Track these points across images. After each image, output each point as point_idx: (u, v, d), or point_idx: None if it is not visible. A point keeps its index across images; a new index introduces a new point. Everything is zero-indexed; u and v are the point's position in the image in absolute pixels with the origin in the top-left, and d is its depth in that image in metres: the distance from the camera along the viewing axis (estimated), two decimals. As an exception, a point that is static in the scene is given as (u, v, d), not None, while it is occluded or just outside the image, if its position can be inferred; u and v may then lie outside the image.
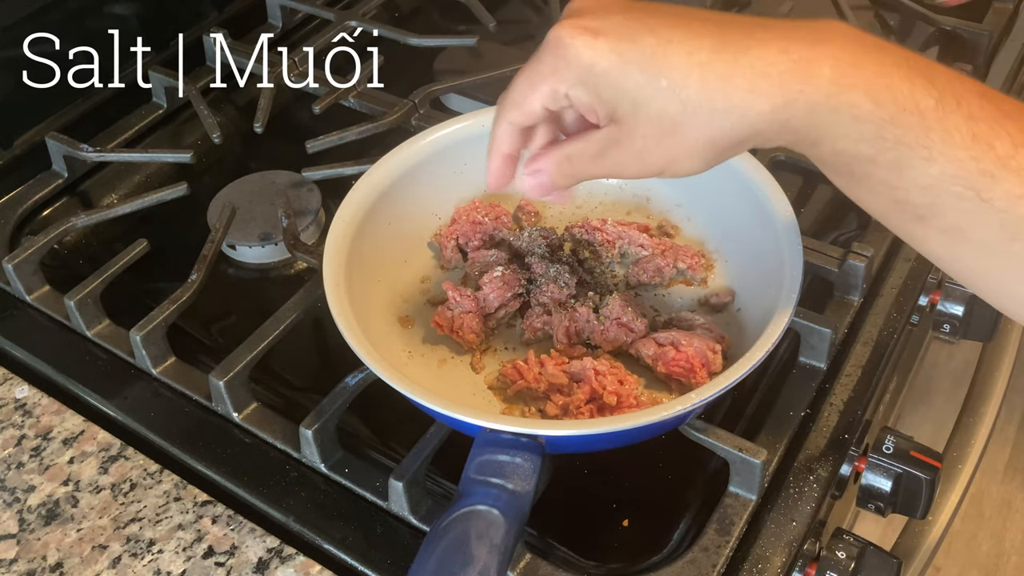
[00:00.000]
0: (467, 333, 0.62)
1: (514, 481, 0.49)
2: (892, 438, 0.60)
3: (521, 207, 0.71)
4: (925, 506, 0.60)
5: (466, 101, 0.87)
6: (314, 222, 0.77)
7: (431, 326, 0.63)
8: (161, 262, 0.74)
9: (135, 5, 0.91)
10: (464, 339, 0.62)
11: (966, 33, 0.92)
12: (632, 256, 0.67)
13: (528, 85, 0.47)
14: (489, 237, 0.68)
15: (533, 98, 0.47)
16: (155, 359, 0.66)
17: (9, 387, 0.66)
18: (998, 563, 1.52)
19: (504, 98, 0.49)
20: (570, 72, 0.45)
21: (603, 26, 0.44)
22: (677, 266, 0.65)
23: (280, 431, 0.62)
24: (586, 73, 0.44)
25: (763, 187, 0.63)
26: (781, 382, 0.64)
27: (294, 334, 0.65)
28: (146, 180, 0.85)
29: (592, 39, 0.44)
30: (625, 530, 0.58)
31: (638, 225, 0.69)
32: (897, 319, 0.67)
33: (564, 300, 0.63)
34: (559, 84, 0.46)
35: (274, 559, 0.56)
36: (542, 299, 0.63)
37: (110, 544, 0.57)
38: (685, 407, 0.51)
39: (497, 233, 0.68)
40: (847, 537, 0.56)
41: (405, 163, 0.67)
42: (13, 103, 0.84)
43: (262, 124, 0.82)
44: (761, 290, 0.61)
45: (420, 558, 0.47)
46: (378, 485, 0.58)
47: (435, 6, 1.07)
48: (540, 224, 0.70)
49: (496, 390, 0.60)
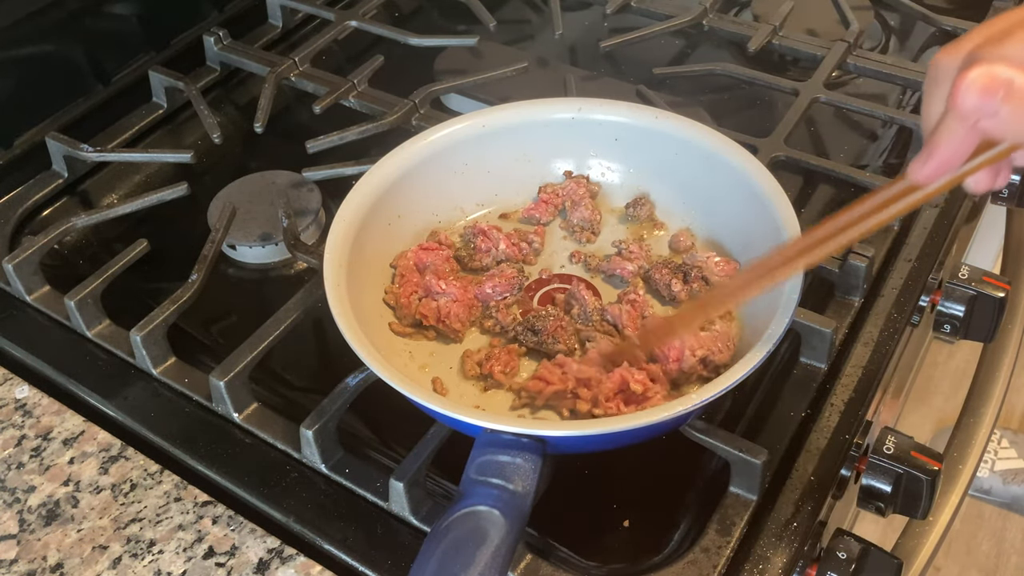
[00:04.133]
0: (454, 322, 0.62)
1: (515, 482, 0.49)
2: (892, 438, 0.60)
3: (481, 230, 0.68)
4: (925, 506, 0.60)
5: (466, 101, 0.87)
6: (314, 222, 0.77)
7: (417, 316, 0.63)
8: (161, 262, 0.73)
9: (135, 5, 0.91)
10: (450, 328, 0.62)
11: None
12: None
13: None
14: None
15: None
16: (155, 359, 0.66)
17: (9, 387, 0.66)
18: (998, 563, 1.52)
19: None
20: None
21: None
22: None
23: (281, 431, 0.62)
24: None
25: (764, 187, 0.63)
26: (782, 383, 0.64)
27: (294, 334, 0.65)
28: (146, 180, 0.85)
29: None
30: (626, 530, 0.58)
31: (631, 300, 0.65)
32: (898, 319, 0.67)
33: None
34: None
35: (274, 559, 0.55)
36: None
37: (110, 544, 0.57)
38: (685, 407, 0.51)
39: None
40: (848, 538, 0.56)
41: (405, 163, 0.67)
42: (13, 103, 0.84)
43: (262, 124, 0.82)
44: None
45: (420, 559, 0.47)
46: (379, 486, 0.58)
47: (435, 6, 1.07)
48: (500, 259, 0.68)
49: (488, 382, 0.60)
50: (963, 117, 0.39)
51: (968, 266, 0.72)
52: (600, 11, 0.98)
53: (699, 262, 0.65)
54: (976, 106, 0.38)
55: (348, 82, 0.85)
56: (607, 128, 0.70)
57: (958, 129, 0.40)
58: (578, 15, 1.02)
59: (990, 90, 0.37)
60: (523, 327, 0.62)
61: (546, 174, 0.72)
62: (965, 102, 0.38)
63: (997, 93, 0.37)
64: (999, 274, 0.78)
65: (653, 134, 0.69)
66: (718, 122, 0.79)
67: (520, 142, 0.71)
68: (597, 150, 0.71)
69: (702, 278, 0.64)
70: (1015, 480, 1.53)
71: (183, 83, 0.87)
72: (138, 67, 0.92)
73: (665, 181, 0.70)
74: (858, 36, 0.90)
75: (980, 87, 0.38)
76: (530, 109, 0.70)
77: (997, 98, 0.37)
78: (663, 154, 0.69)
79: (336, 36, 0.93)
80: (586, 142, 0.71)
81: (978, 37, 0.40)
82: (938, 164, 0.42)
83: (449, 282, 0.63)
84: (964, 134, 0.40)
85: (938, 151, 0.41)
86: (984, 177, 0.43)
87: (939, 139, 0.41)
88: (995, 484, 1.54)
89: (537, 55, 0.94)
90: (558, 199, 0.70)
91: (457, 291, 0.63)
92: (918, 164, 0.42)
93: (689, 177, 0.68)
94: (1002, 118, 0.38)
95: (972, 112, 0.38)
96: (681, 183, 0.69)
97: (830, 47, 0.88)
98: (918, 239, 0.73)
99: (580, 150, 0.71)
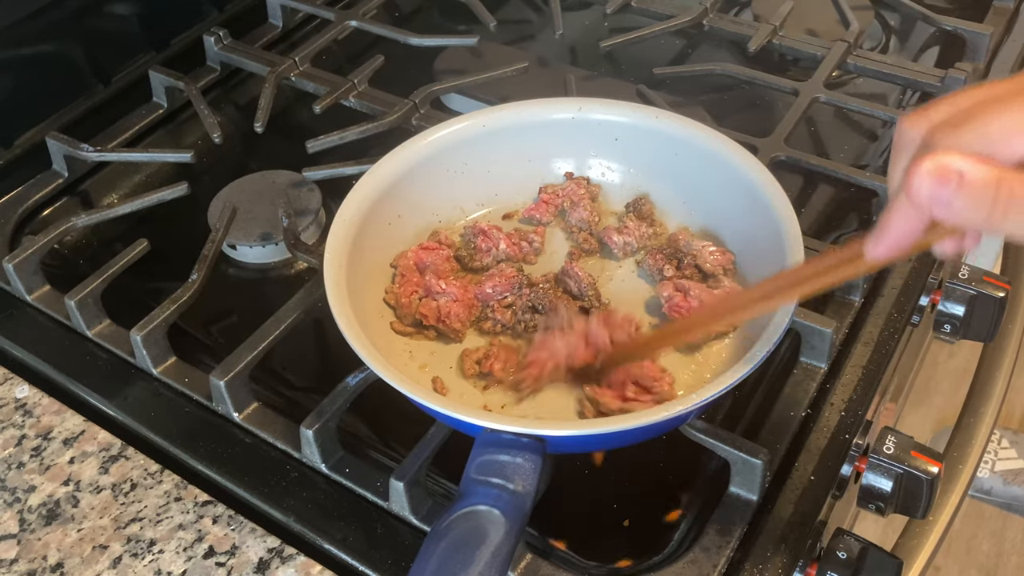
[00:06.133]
0: (454, 322, 0.62)
1: (515, 481, 0.49)
2: (893, 438, 0.60)
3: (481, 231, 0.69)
4: (926, 506, 0.60)
5: (467, 101, 0.87)
6: (314, 222, 0.77)
7: (417, 317, 0.63)
8: (161, 262, 0.73)
9: (135, 5, 0.91)
10: (450, 328, 0.62)
11: (966, 33, 0.92)
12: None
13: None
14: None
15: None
16: (155, 359, 0.66)
17: (9, 387, 0.66)
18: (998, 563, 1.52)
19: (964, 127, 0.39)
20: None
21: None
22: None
23: (281, 431, 0.62)
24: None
25: (764, 187, 0.63)
26: (782, 382, 0.64)
27: (295, 334, 0.65)
28: (146, 180, 0.85)
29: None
30: (626, 530, 0.58)
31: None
32: (898, 319, 0.67)
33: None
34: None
35: (275, 559, 0.56)
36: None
37: (111, 544, 0.57)
38: (686, 407, 0.51)
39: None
40: (848, 537, 0.56)
41: (406, 163, 0.67)
42: (13, 103, 0.84)
43: (262, 124, 0.82)
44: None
45: (421, 558, 0.47)
46: (379, 485, 0.58)
47: (435, 6, 1.07)
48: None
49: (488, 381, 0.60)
50: (916, 205, 0.39)
51: (968, 266, 0.72)
52: (600, 11, 0.98)
53: (694, 250, 0.65)
54: (929, 196, 0.38)
55: (348, 82, 0.85)
56: (607, 128, 0.70)
57: (911, 213, 0.41)
58: (578, 15, 1.02)
59: (942, 181, 0.38)
60: (522, 309, 0.62)
61: (546, 174, 0.72)
62: (919, 192, 0.38)
63: (949, 184, 0.38)
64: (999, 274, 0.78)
65: (653, 134, 0.69)
66: (718, 122, 0.79)
67: (520, 142, 0.70)
68: (597, 150, 0.71)
69: (695, 266, 0.65)
70: (1016, 480, 1.53)
71: (183, 83, 0.87)
72: (138, 67, 0.92)
73: (665, 181, 0.70)
74: (858, 36, 0.90)
75: (933, 179, 0.38)
76: (530, 109, 0.70)
77: (949, 189, 0.38)
78: (663, 154, 0.69)
79: (336, 36, 0.93)
80: (586, 142, 0.71)
81: (943, 111, 0.40)
82: (889, 244, 0.43)
83: (449, 282, 0.63)
84: (916, 218, 0.41)
85: (889, 232, 0.42)
86: (950, 244, 0.43)
87: (891, 220, 0.42)
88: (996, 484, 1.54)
89: (537, 55, 0.94)
90: (558, 199, 0.70)
91: (457, 291, 0.63)
92: (872, 242, 0.44)
93: (689, 177, 0.68)
94: (954, 209, 0.38)
95: (925, 202, 0.39)
96: (681, 183, 0.69)
97: (830, 47, 0.88)
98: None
99: (580, 150, 0.71)
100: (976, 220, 0.38)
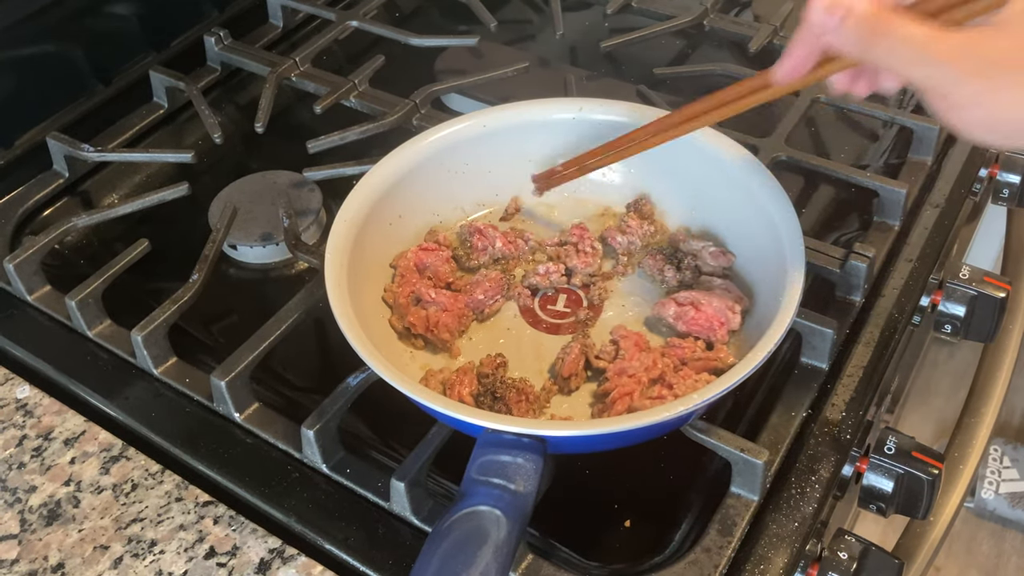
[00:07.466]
0: (442, 331, 0.62)
1: (516, 482, 0.49)
2: (894, 438, 0.60)
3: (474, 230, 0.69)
4: (926, 506, 0.60)
5: (467, 101, 0.87)
6: (315, 222, 0.77)
7: (406, 324, 0.62)
8: (162, 262, 0.73)
9: (135, 5, 0.91)
10: (439, 338, 0.62)
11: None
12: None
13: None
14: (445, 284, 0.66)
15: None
16: (156, 359, 0.66)
17: (10, 387, 0.66)
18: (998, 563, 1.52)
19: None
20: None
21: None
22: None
23: (282, 431, 0.62)
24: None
25: (765, 188, 0.63)
26: (783, 382, 0.64)
27: (295, 334, 0.65)
28: (147, 180, 0.85)
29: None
30: (627, 531, 0.58)
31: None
32: (898, 319, 0.67)
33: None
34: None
35: (276, 560, 0.55)
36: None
37: (112, 545, 0.57)
38: (687, 407, 0.51)
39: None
40: (849, 538, 0.56)
41: (406, 163, 0.67)
42: (13, 103, 0.84)
43: (263, 124, 0.82)
44: (763, 290, 0.62)
45: (422, 559, 0.47)
46: (380, 485, 0.58)
47: (436, 6, 1.07)
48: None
49: None
50: (809, 30, 0.47)
51: (969, 266, 0.72)
52: (601, 11, 0.98)
53: (693, 250, 0.65)
54: (819, 21, 0.45)
55: (349, 82, 0.85)
56: (607, 128, 0.70)
57: (808, 38, 0.48)
58: (579, 15, 1.02)
59: (832, 10, 0.45)
60: (484, 391, 0.59)
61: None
62: (812, 19, 0.46)
63: (837, 13, 0.44)
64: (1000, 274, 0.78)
65: (654, 134, 0.69)
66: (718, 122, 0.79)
67: (521, 142, 0.71)
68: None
69: (695, 266, 0.65)
70: (1021, 504, 1.53)
71: (184, 83, 0.87)
72: (139, 67, 0.92)
73: (666, 181, 0.70)
74: (859, 36, 0.90)
75: (825, 8, 0.45)
76: (530, 109, 0.70)
77: (837, 17, 0.44)
78: (664, 154, 0.69)
79: (337, 36, 0.93)
80: (586, 142, 0.71)
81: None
82: (789, 67, 0.50)
83: (440, 291, 0.63)
84: (813, 44, 0.48)
85: (790, 56, 0.49)
86: (842, 79, 0.50)
87: (793, 46, 0.49)
88: (1001, 506, 1.55)
89: (538, 55, 0.94)
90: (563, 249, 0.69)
91: (447, 300, 0.62)
92: (776, 67, 0.51)
93: (690, 177, 0.68)
94: (839, 36, 0.45)
95: (817, 26, 0.46)
96: (682, 183, 0.69)
97: (831, 47, 0.88)
98: (919, 239, 0.73)
99: (580, 150, 0.71)
100: (857, 49, 0.45)
